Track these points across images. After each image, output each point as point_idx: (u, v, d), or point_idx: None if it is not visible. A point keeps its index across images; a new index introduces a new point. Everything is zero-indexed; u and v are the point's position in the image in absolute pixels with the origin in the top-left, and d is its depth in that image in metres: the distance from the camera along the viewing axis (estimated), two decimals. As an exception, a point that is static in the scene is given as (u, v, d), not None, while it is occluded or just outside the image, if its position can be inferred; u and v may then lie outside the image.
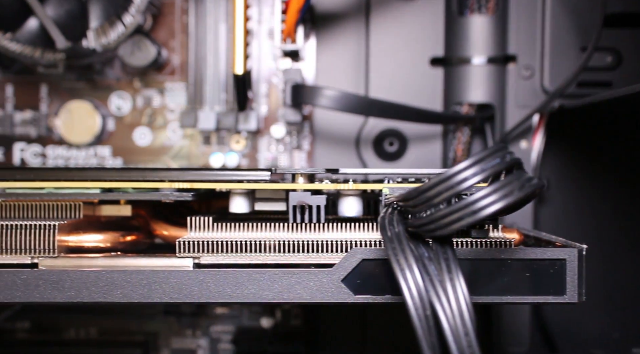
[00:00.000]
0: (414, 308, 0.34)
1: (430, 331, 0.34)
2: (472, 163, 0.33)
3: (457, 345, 0.33)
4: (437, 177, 0.34)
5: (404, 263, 0.35)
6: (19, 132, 0.74)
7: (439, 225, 0.35)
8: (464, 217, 0.34)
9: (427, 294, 0.34)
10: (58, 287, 0.43)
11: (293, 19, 0.63)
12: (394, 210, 0.39)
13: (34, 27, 0.65)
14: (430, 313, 0.34)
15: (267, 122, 0.73)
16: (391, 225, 0.37)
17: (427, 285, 0.35)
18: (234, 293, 0.43)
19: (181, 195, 0.47)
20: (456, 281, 0.34)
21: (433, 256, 0.36)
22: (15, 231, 0.45)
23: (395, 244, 0.36)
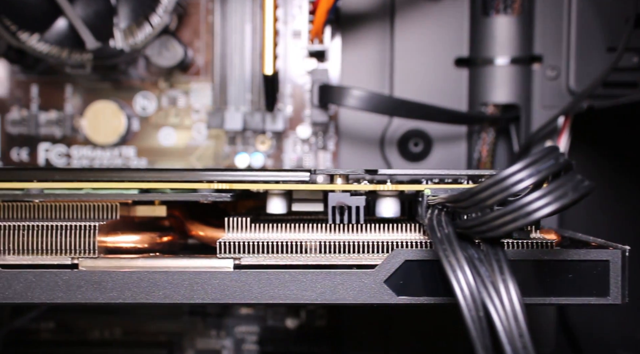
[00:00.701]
0: (467, 309, 0.34)
1: (484, 332, 0.34)
2: (526, 165, 0.33)
3: (512, 347, 0.33)
4: (491, 179, 0.34)
5: (455, 264, 0.35)
6: (44, 132, 0.74)
7: (491, 227, 0.35)
8: (518, 219, 0.34)
9: (479, 295, 0.34)
10: (100, 288, 0.43)
11: (322, 20, 0.63)
12: (441, 211, 0.39)
13: (63, 27, 0.64)
14: (483, 314, 0.34)
15: (292, 122, 0.73)
16: (440, 226, 0.37)
17: (479, 286, 0.35)
18: (276, 294, 0.43)
19: (220, 195, 0.47)
20: (509, 283, 0.34)
21: (484, 258, 0.36)
22: (55, 231, 0.45)
23: (446, 245, 0.36)
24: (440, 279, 0.42)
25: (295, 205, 0.50)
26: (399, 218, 0.49)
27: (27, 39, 0.66)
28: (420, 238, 0.46)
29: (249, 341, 0.74)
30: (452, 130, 0.74)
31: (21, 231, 0.45)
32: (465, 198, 0.35)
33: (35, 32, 0.66)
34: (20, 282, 0.44)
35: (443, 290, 0.43)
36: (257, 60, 0.71)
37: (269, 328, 0.74)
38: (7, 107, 0.74)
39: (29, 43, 0.66)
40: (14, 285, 0.43)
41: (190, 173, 0.47)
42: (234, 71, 0.72)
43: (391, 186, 0.47)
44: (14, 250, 0.45)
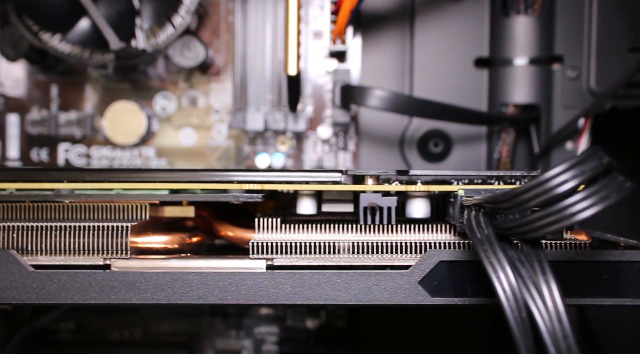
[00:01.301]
0: (510, 310, 0.34)
1: (527, 333, 0.34)
2: (570, 166, 0.33)
3: (557, 348, 0.33)
4: (535, 180, 0.34)
5: (497, 265, 0.35)
6: (64, 132, 0.74)
7: (534, 228, 0.35)
8: (562, 220, 0.33)
9: (521, 296, 0.34)
10: (134, 289, 0.43)
11: (345, 20, 0.63)
12: (478, 211, 0.39)
13: (85, 28, 0.64)
14: (526, 315, 0.34)
15: (312, 122, 0.73)
16: (479, 226, 0.37)
17: (521, 286, 0.35)
18: (310, 295, 0.43)
19: (251, 196, 0.47)
20: (551, 283, 0.34)
21: (524, 258, 0.36)
22: (87, 232, 0.45)
23: (487, 246, 0.36)
24: (475, 280, 0.42)
25: (325, 205, 0.49)
26: (428, 218, 0.49)
27: (49, 39, 0.66)
28: (452, 238, 0.46)
29: (269, 341, 0.74)
30: (471, 130, 0.74)
31: (53, 231, 0.45)
32: (507, 199, 0.35)
33: (58, 32, 0.65)
34: (53, 283, 0.44)
35: (478, 291, 0.43)
36: (278, 60, 0.71)
37: (288, 328, 0.74)
38: (27, 108, 0.74)
39: (51, 43, 0.66)
40: (47, 286, 0.43)
41: (220, 173, 0.47)
42: (255, 71, 0.72)
43: (423, 187, 0.47)
44: (46, 250, 0.45)
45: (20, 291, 0.43)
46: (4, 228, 0.45)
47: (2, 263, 0.43)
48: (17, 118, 0.74)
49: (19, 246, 0.45)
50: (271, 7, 0.71)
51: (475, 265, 0.43)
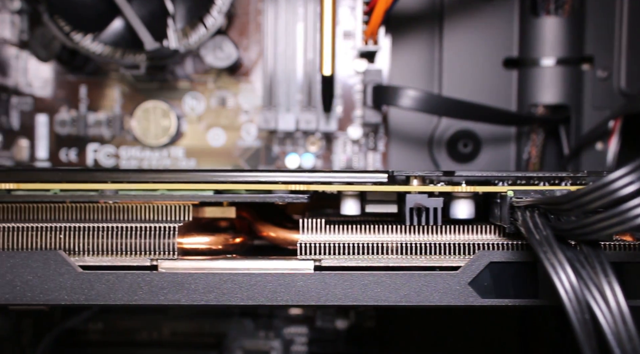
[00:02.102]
0: (573, 311, 0.34)
1: (591, 335, 0.34)
2: (634, 168, 0.33)
3: (622, 351, 0.33)
4: (598, 182, 0.34)
5: (558, 266, 0.35)
6: (92, 132, 0.74)
7: (595, 229, 0.35)
8: (625, 222, 0.33)
9: (583, 297, 0.34)
10: (183, 290, 0.43)
11: (379, 20, 0.63)
12: (533, 212, 0.39)
13: (119, 28, 0.64)
14: (589, 317, 0.34)
15: (342, 123, 0.73)
16: (537, 228, 0.37)
17: (583, 288, 0.34)
18: (360, 296, 0.43)
19: (297, 197, 0.47)
20: (614, 285, 0.34)
21: (583, 260, 0.36)
22: (134, 233, 0.45)
23: (547, 247, 0.36)
24: (526, 281, 0.42)
25: (369, 206, 0.49)
26: (471, 219, 0.49)
27: (81, 39, 0.66)
28: (498, 239, 0.46)
29: (298, 342, 0.74)
30: (500, 131, 0.74)
31: (100, 232, 0.45)
32: (568, 201, 0.35)
33: (91, 32, 0.65)
34: (102, 283, 0.43)
35: (529, 292, 0.42)
36: (309, 60, 0.71)
37: (317, 329, 0.74)
38: (56, 108, 0.74)
39: (83, 43, 0.66)
40: (96, 286, 0.43)
41: (265, 174, 0.47)
42: (285, 71, 0.72)
43: (469, 188, 0.47)
44: (92, 251, 0.45)
45: (69, 291, 0.43)
46: (51, 228, 0.45)
47: (51, 263, 0.43)
48: (46, 119, 0.74)
49: (66, 247, 0.45)
50: (302, 7, 0.71)
51: (526, 266, 0.43)
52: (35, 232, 0.45)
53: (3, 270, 0.43)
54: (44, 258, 0.43)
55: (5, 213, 0.48)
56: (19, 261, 0.43)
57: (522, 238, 0.44)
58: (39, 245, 0.45)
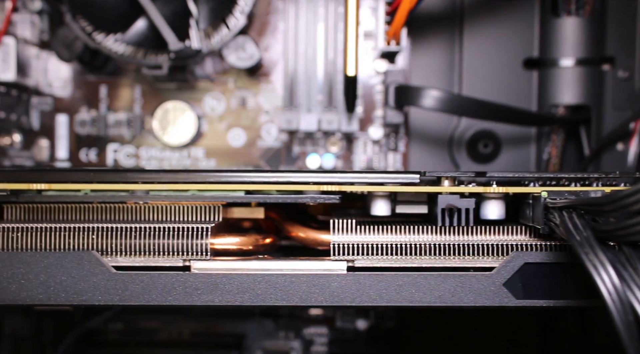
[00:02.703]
0: (616, 312, 0.34)
1: (635, 336, 0.34)
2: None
3: (667, 351, 0.32)
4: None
5: (600, 267, 0.35)
6: (112, 132, 0.74)
7: (637, 230, 0.34)
8: (670, 222, 0.33)
9: (626, 298, 0.34)
10: (217, 290, 0.43)
11: (402, 21, 0.63)
12: (570, 213, 0.39)
13: (142, 28, 0.64)
14: (633, 318, 0.34)
15: (362, 123, 0.73)
16: (577, 229, 0.37)
17: (625, 289, 0.34)
18: (395, 297, 0.43)
19: (329, 197, 0.47)
20: (657, 286, 0.34)
21: (625, 261, 0.36)
22: (166, 233, 0.45)
23: (588, 248, 0.36)
24: (561, 282, 0.42)
25: (399, 207, 0.49)
26: (502, 220, 0.49)
27: (103, 39, 0.66)
28: (530, 240, 0.46)
29: (318, 342, 0.74)
30: (520, 131, 0.74)
31: (132, 232, 0.45)
32: (609, 202, 0.35)
33: (113, 32, 0.65)
34: (136, 284, 0.43)
35: (564, 293, 0.42)
36: (329, 61, 0.71)
37: (338, 329, 0.74)
38: (76, 108, 0.74)
39: (105, 44, 0.66)
40: (130, 287, 0.43)
41: (296, 174, 0.47)
42: (306, 72, 0.72)
43: (501, 189, 0.47)
44: (125, 251, 0.45)
45: (103, 292, 0.43)
46: (84, 229, 0.45)
47: (85, 264, 0.43)
48: (66, 119, 0.74)
49: (98, 248, 0.45)
50: (323, 7, 0.71)
51: (561, 266, 0.43)
52: (68, 232, 0.45)
53: (37, 270, 0.43)
54: (78, 258, 0.43)
55: (36, 213, 0.48)
56: (53, 261, 0.43)
57: (556, 239, 0.44)
58: (72, 245, 0.45)
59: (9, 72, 0.66)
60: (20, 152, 0.74)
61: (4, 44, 0.66)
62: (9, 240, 0.45)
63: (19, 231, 0.45)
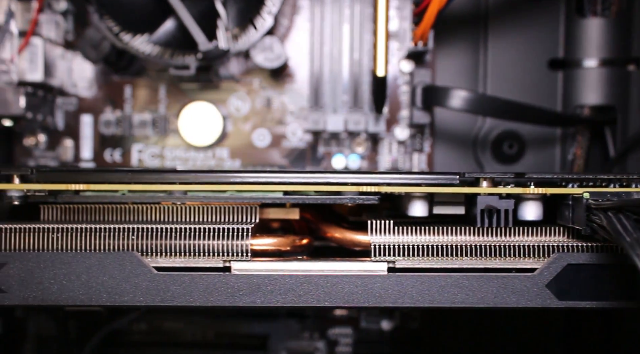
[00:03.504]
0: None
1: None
2: None
3: None
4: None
5: (653, 270, 0.35)
6: (137, 133, 0.74)
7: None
8: None
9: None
10: (259, 291, 0.43)
11: (431, 21, 0.63)
12: (617, 215, 0.39)
13: (171, 28, 0.64)
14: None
15: (387, 124, 0.73)
16: (627, 230, 0.37)
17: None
18: (437, 298, 0.43)
19: (368, 198, 0.47)
20: None
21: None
22: (206, 234, 0.45)
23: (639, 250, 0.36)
24: (604, 283, 0.42)
25: (437, 208, 0.49)
26: (539, 221, 0.49)
27: (130, 40, 0.66)
28: (569, 241, 0.46)
29: (343, 343, 0.74)
30: (545, 132, 0.74)
31: (172, 233, 0.45)
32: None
33: (141, 33, 0.65)
34: (177, 285, 0.43)
35: (607, 294, 0.42)
36: (355, 61, 0.71)
37: (362, 329, 0.74)
38: (101, 108, 0.74)
39: (132, 44, 0.66)
40: (172, 288, 0.43)
41: (334, 175, 0.47)
42: (331, 72, 0.72)
43: (541, 189, 0.46)
44: (164, 252, 0.45)
45: (145, 293, 0.43)
46: (124, 230, 0.45)
47: (127, 264, 0.43)
48: (91, 119, 0.74)
49: (138, 248, 0.45)
50: (348, 8, 0.71)
51: (605, 268, 0.43)
52: (108, 233, 0.45)
53: (79, 270, 0.43)
54: (120, 259, 0.43)
55: (73, 214, 0.48)
56: (95, 262, 0.43)
57: (597, 240, 0.44)
58: (112, 246, 0.45)
59: (37, 73, 0.66)
60: (45, 152, 0.74)
61: (31, 44, 0.66)
62: (48, 241, 0.45)
63: (59, 232, 0.45)
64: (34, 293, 0.43)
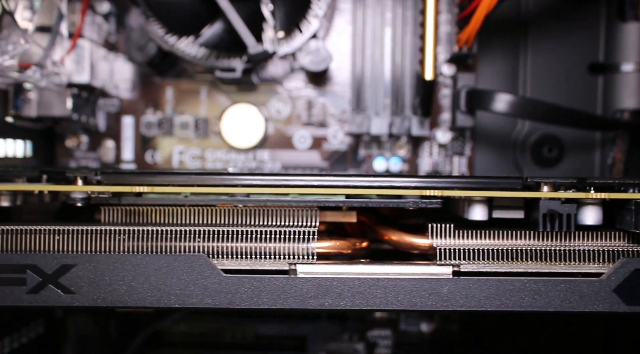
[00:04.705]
0: None
1: None
2: None
3: None
4: None
5: None
6: (178, 134, 0.74)
7: None
8: None
9: None
10: (328, 294, 0.44)
11: (478, 25, 0.63)
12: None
13: (219, 31, 0.64)
14: None
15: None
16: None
17: None
18: (504, 302, 0.43)
19: (431, 202, 0.47)
20: None
21: None
22: (271, 236, 0.46)
23: None
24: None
25: (496, 212, 0.50)
26: (598, 225, 0.49)
27: (176, 42, 0.66)
28: (632, 246, 0.46)
29: (382, 345, 0.74)
30: (584, 135, 0.74)
31: (238, 235, 0.46)
32: None
33: (187, 35, 0.66)
34: (246, 288, 0.44)
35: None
36: (397, 64, 0.71)
37: (402, 332, 0.74)
38: (142, 110, 0.74)
39: (178, 46, 0.66)
40: (240, 291, 0.44)
41: (395, 179, 0.47)
42: (374, 75, 0.72)
43: (603, 194, 0.47)
44: (230, 254, 0.45)
45: (213, 295, 0.44)
46: (190, 232, 0.45)
47: (196, 267, 0.44)
48: (132, 120, 0.74)
49: (204, 250, 0.45)
50: (390, 12, 0.71)
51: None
52: (174, 235, 0.45)
53: (148, 272, 0.44)
54: (189, 261, 0.44)
55: (133, 216, 0.49)
56: (164, 264, 0.44)
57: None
58: (178, 248, 0.45)
59: (84, 74, 0.67)
60: (86, 153, 0.74)
61: (78, 46, 0.67)
62: (113, 242, 0.45)
63: (125, 234, 0.45)
64: (103, 295, 0.44)
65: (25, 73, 0.57)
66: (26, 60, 0.60)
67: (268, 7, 0.65)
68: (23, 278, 0.43)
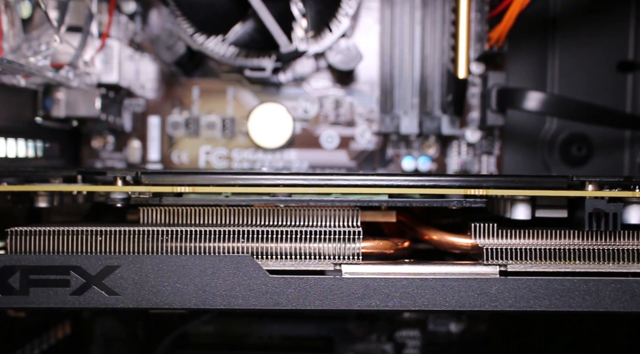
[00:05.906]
0: None
1: None
2: None
3: None
4: None
5: None
6: (204, 134, 0.74)
7: None
8: None
9: None
10: (375, 295, 0.43)
11: (510, 23, 0.63)
12: None
13: (249, 30, 0.64)
14: None
15: (457, 126, 0.73)
16: None
17: None
18: (554, 302, 0.43)
19: (475, 201, 0.47)
20: None
21: None
22: (316, 237, 0.45)
23: None
24: None
25: (539, 211, 0.49)
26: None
27: (205, 41, 0.66)
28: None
29: (410, 345, 0.74)
30: (613, 134, 0.73)
31: (282, 236, 0.45)
32: None
33: (216, 34, 0.65)
34: (292, 289, 0.43)
35: None
36: (426, 63, 0.71)
37: (430, 332, 0.74)
38: (169, 110, 0.74)
39: (207, 45, 0.66)
40: (287, 292, 0.43)
41: (438, 178, 0.47)
42: (402, 74, 0.71)
43: (649, 193, 0.46)
44: (274, 255, 0.45)
45: (259, 297, 0.43)
46: (233, 232, 0.45)
47: (242, 268, 0.43)
48: (158, 120, 0.74)
49: (248, 251, 0.45)
50: (419, 11, 0.71)
51: None
52: (218, 236, 0.45)
53: (193, 273, 0.43)
54: (235, 262, 0.43)
55: (174, 216, 0.48)
56: (209, 265, 0.43)
57: None
58: (222, 249, 0.45)
59: (112, 74, 0.66)
60: (112, 153, 0.74)
61: (107, 46, 0.66)
62: (155, 243, 0.45)
63: (167, 235, 0.45)
64: (147, 296, 0.43)
65: (59, 73, 0.57)
66: (56, 60, 0.59)
67: (298, 6, 0.65)
68: (67, 279, 0.43)
